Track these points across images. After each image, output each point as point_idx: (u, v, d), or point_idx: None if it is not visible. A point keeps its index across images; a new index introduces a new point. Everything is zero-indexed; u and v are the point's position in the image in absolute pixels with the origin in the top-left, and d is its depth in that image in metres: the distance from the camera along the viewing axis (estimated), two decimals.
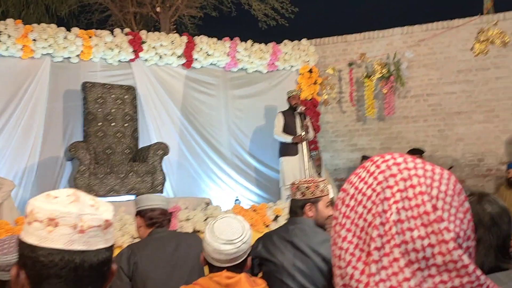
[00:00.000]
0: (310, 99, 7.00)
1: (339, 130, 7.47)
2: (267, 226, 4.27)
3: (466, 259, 0.57)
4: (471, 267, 0.57)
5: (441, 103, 7.00)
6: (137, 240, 3.67)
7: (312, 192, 2.33)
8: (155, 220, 2.40)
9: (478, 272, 0.57)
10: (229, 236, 1.68)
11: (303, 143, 5.71)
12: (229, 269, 1.68)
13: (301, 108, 5.87)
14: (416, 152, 6.28)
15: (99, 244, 0.79)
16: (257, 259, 2.33)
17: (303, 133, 5.72)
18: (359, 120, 7.38)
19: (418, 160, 0.63)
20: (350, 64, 7.29)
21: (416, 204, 0.58)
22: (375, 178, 0.62)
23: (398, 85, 7.00)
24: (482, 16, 6.88)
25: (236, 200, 5.73)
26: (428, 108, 7.07)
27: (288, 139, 5.81)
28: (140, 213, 2.46)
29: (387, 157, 0.64)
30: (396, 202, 0.59)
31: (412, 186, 0.59)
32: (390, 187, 0.60)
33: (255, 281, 1.75)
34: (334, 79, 7.40)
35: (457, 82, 6.95)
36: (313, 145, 6.68)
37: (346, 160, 7.39)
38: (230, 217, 1.77)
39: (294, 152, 5.81)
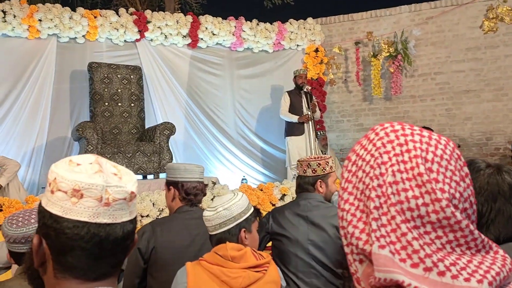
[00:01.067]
0: (316, 79, 6.96)
1: (345, 110, 7.43)
2: (273, 205, 4.31)
3: (458, 216, 0.60)
4: (464, 223, 0.60)
5: (449, 82, 6.94)
6: (146, 220, 3.71)
7: (323, 169, 2.38)
8: (191, 196, 2.17)
9: (472, 227, 0.61)
10: (214, 204, 1.74)
11: (309, 122, 5.70)
12: (222, 239, 1.70)
13: (307, 88, 5.84)
14: None
15: (124, 216, 0.77)
16: (268, 235, 2.35)
17: (309, 112, 5.70)
18: (366, 100, 7.34)
19: (416, 128, 0.67)
20: (357, 43, 7.22)
21: (411, 166, 0.61)
22: (374, 145, 0.66)
23: (405, 64, 6.93)
24: None
25: (243, 179, 5.76)
26: (436, 87, 7.01)
27: (294, 118, 5.80)
28: (175, 184, 2.19)
29: (386, 125, 0.68)
30: (392, 165, 0.62)
31: (408, 151, 0.63)
32: (387, 152, 0.64)
33: (261, 254, 1.77)
34: (340, 58, 7.34)
35: (465, 60, 6.87)
36: (319, 125, 6.67)
37: (352, 140, 7.37)
38: (232, 192, 1.81)
39: (300, 132, 5.80)
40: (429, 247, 0.59)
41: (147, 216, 3.78)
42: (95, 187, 0.74)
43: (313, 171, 2.36)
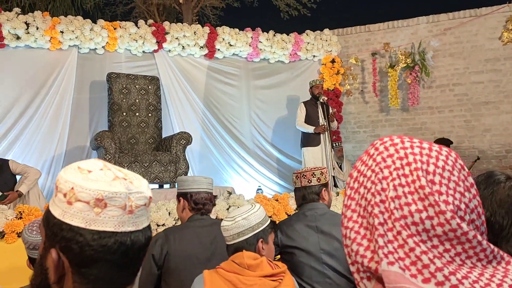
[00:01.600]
0: (333, 89, 6.96)
1: (362, 121, 7.40)
2: (289, 215, 4.29)
3: (465, 227, 0.58)
4: (471, 234, 0.59)
5: (468, 93, 6.86)
6: (161, 228, 3.74)
7: (325, 177, 2.43)
8: (200, 206, 2.26)
9: (479, 238, 0.60)
10: (232, 214, 1.78)
11: (325, 133, 5.69)
12: (239, 248, 1.73)
13: (323, 98, 5.84)
14: (443, 142, 6.19)
15: (144, 222, 0.77)
16: (278, 248, 2.33)
17: (325, 123, 5.69)
18: (382, 111, 7.30)
19: (416, 140, 0.66)
20: (374, 54, 7.20)
21: (412, 180, 0.61)
22: (374, 160, 0.65)
23: (422, 75, 6.89)
24: (511, 4, 6.69)
25: (259, 189, 5.76)
26: (454, 98, 6.94)
27: (310, 129, 5.79)
28: (184, 196, 2.30)
29: (385, 139, 0.67)
30: (393, 179, 0.62)
31: (408, 164, 0.62)
32: (388, 166, 0.63)
33: (277, 264, 1.78)
34: (357, 69, 7.33)
35: (484, 72, 6.79)
36: (335, 136, 6.65)
37: None
38: (250, 203, 1.82)
39: (316, 143, 5.79)
40: (439, 260, 0.58)
41: (163, 225, 3.80)
42: (119, 195, 0.72)
43: (318, 180, 2.39)
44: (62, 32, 5.53)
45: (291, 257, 2.28)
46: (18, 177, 4.44)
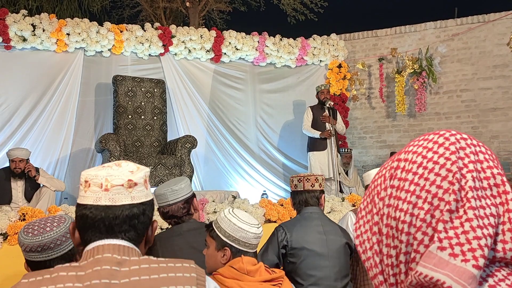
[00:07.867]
0: (339, 94, 6.92)
1: (368, 126, 7.35)
2: None
3: None
4: None
5: (476, 99, 6.80)
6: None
7: (324, 185, 2.56)
8: (168, 221, 2.11)
9: None
10: (254, 221, 1.74)
11: (331, 138, 5.65)
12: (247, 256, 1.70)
13: (329, 103, 5.80)
14: None
15: (123, 199, 0.97)
16: (284, 250, 2.32)
17: (332, 128, 5.65)
18: (389, 117, 7.24)
19: (475, 140, 0.68)
20: (381, 59, 7.16)
21: (485, 177, 0.64)
22: (447, 148, 0.65)
23: (430, 81, 6.83)
24: None
25: (264, 194, 5.71)
26: (462, 104, 6.88)
27: (316, 134, 5.76)
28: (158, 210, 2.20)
29: (453, 131, 0.68)
30: (470, 171, 0.64)
31: (480, 161, 0.65)
32: (462, 158, 0.65)
33: (273, 270, 1.75)
34: (363, 74, 7.28)
35: (492, 78, 6.73)
36: (341, 141, 6.60)
37: (374, 157, 7.26)
38: (236, 209, 1.79)
39: (323, 147, 5.75)
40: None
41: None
42: (99, 178, 0.99)
43: (320, 186, 2.48)
44: (68, 34, 5.52)
45: (298, 258, 2.30)
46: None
